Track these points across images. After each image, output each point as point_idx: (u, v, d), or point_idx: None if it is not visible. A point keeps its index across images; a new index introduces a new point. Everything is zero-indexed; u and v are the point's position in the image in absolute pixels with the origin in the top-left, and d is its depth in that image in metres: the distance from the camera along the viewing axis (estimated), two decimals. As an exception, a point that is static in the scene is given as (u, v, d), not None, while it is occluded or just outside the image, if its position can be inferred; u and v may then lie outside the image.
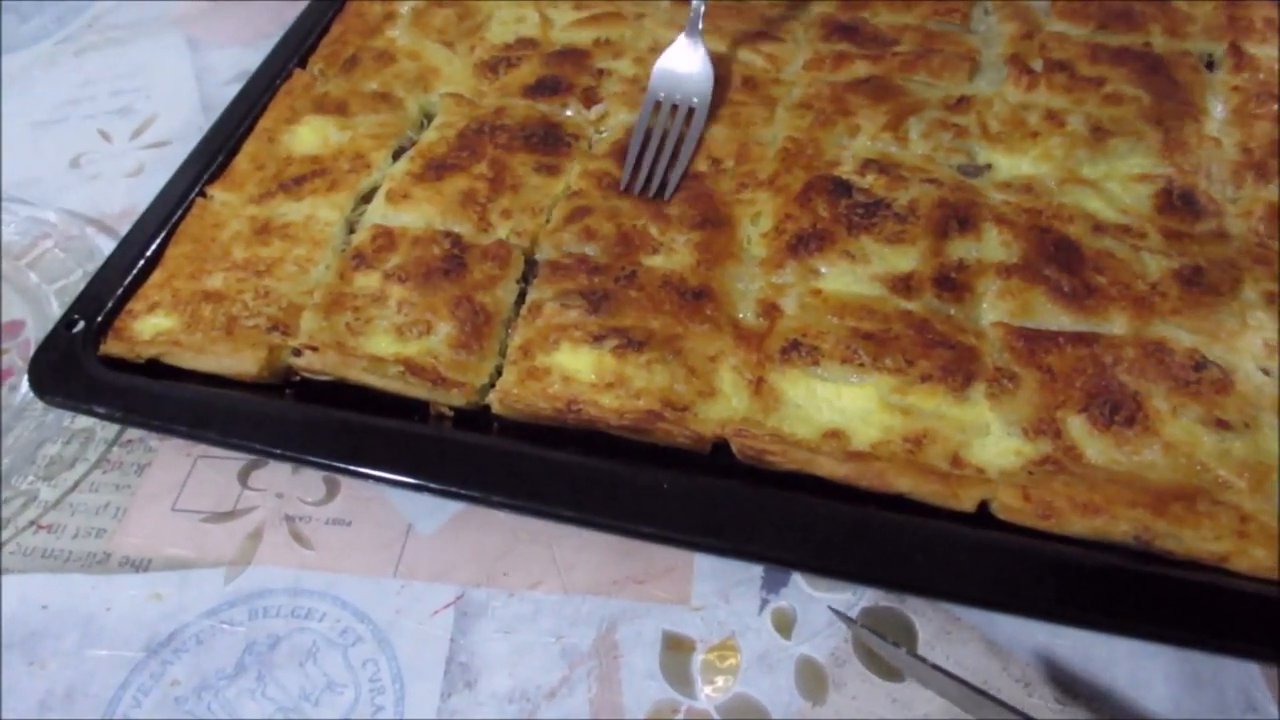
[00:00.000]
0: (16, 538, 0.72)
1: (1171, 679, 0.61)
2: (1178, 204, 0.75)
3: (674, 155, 0.82)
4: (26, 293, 0.89)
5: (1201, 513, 0.59)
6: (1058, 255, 0.72)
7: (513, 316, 0.74)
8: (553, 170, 0.83)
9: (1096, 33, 0.90)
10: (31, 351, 0.75)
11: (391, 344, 0.72)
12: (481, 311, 0.73)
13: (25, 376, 0.74)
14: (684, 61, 0.87)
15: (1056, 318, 0.69)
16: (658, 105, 0.85)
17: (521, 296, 0.75)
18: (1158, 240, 0.73)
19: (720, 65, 0.90)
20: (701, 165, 0.82)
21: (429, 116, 0.90)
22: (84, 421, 0.79)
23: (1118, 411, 0.64)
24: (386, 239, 0.78)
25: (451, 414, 0.70)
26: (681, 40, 0.88)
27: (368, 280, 0.76)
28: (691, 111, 0.84)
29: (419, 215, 0.80)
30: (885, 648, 0.61)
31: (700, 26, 0.87)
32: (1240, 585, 0.57)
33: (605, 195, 0.80)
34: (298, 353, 0.71)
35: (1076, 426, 0.64)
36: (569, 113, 0.89)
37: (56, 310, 0.86)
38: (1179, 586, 0.57)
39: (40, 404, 0.76)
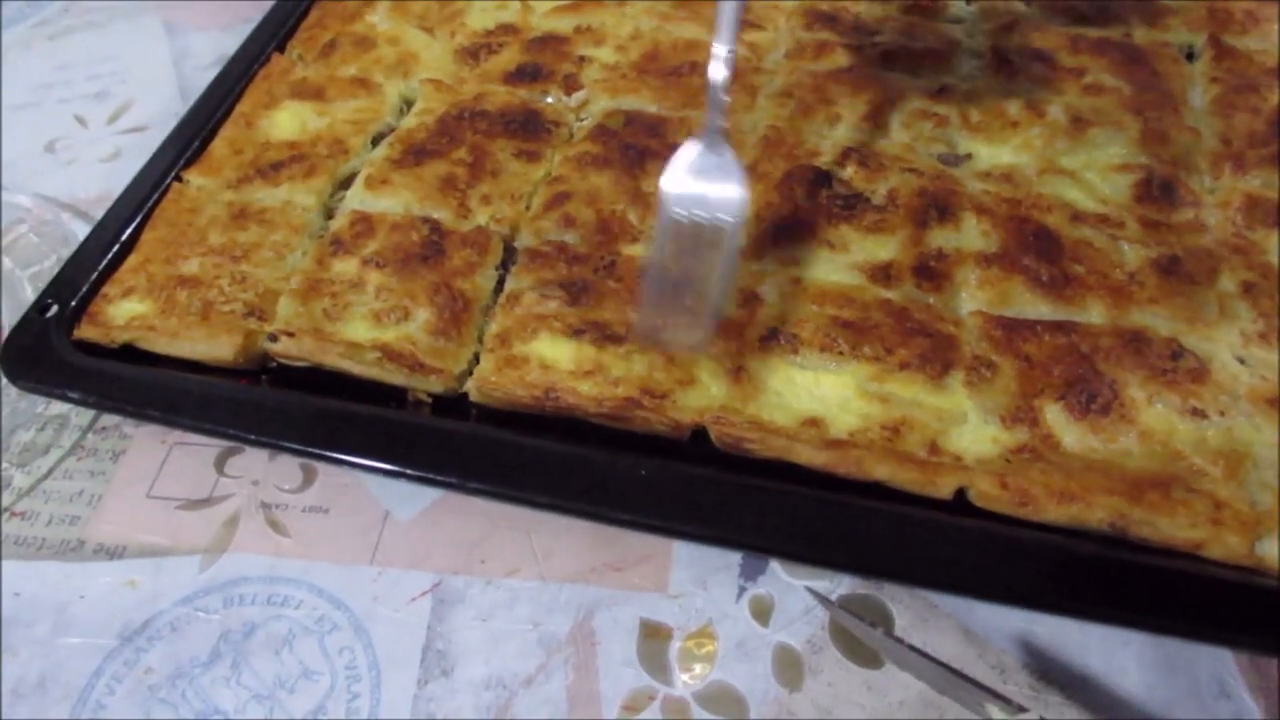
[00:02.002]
0: (-11, 525, 0.72)
1: (1145, 664, 0.62)
2: (1156, 194, 0.75)
3: (700, 291, 0.64)
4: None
5: (1176, 500, 0.59)
6: (1036, 245, 0.72)
7: (491, 303, 0.74)
8: (533, 156, 0.82)
9: (1076, 24, 0.90)
10: (4, 336, 0.74)
11: (369, 330, 0.71)
12: (460, 298, 0.72)
13: (-3, 362, 0.73)
14: (705, 169, 0.64)
15: (1035, 307, 0.69)
16: (676, 230, 0.63)
17: (500, 283, 0.75)
18: (1136, 230, 0.73)
19: (701, 51, 0.89)
20: (681, 140, 0.80)
21: (408, 103, 0.90)
22: (58, 407, 0.78)
23: (1094, 400, 0.64)
24: (365, 225, 0.77)
25: (429, 401, 0.69)
26: (695, 145, 0.65)
27: (345, 266, 0.75)
28: (721, 234, 0.63)
29: (398, 201, 0.79)
30: (863, 629, 0.61)
31: (723, 123, 0.65)
32: (1214, 572, 0.58)
33: (584, 176, 0.79)
34: (274, 338, 0.70)
35: (1054, 414, 0.64)
36: (549, 100, 0.88)
37: (30, 296, 0.85)
38: (1153, 574, 0.57)
39: (13, 390, 0.75)
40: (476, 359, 0.70)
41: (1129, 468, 0.61)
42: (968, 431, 0.64)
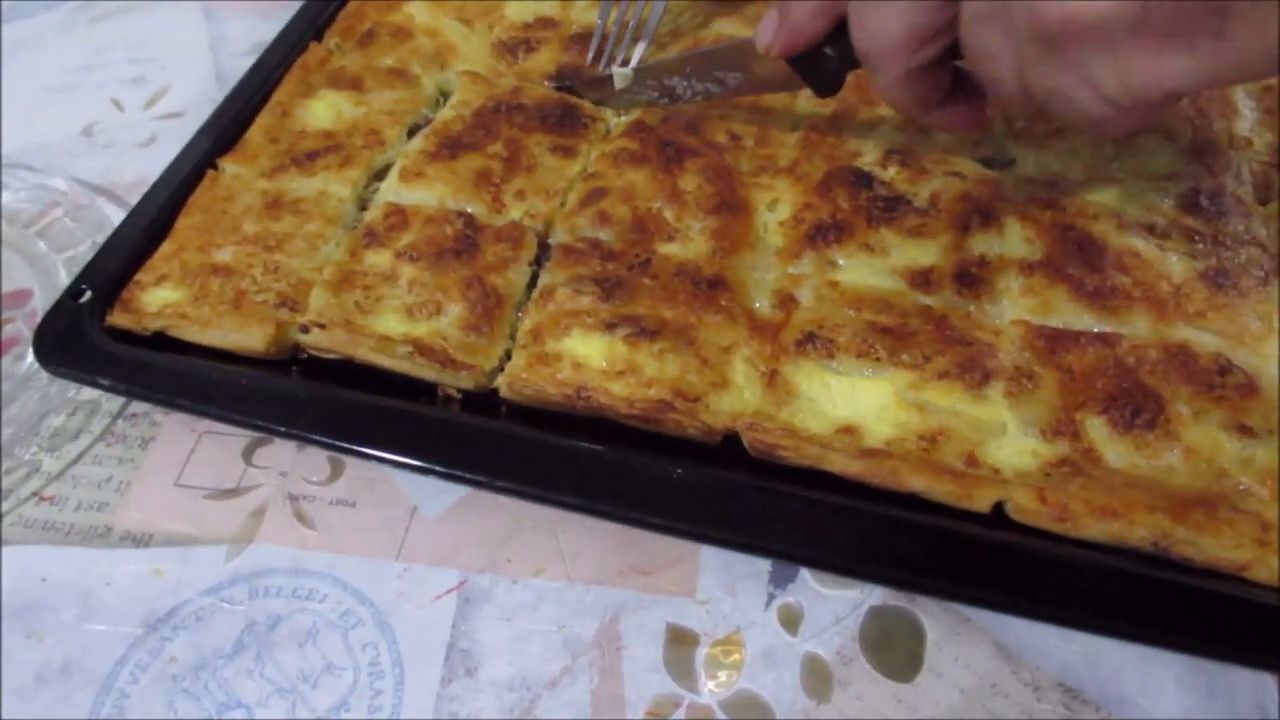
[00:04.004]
0: (18, 509, 0.72)
1: (1184, 686, 0.60)
2: (1204, 204, 0.73)
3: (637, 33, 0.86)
4: (35, 261, 0.88)
5: (1222, 520, 0.57)
6: (1081, 253, 0.70)
7: (524, 299, 0.73)
8: (569, 152, 0.81)
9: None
10: (38, 321, 0.74)
11: (400, 324, 0.71)
12: (493, 293, 0.72)
13: (30, 346, 0.73)
14: None
15: (1078, 317, 0.68)
16: None
17: (533, 279, 0.74)
18: (1183, 241, 0.71)
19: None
20: (720, 138, 0.81)
21: (445, 94, 0.89)
22: (89, 393, 0.78)
23: (1138, 414, 0.62)
24: (399, 217, 0.77)
25: (459, 396, 0.69)
26: None
27: (379, 258, 0.74)
28: None
29: (432, 194, 0.78)
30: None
31: None
32: (1259, 595, 0.56)
33: (620, 173, 0.78)
34: (305, 329, 0.70)
35: (1096, 428, 0.62)
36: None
37: (64, 280, 0.85)
38: (1196, 594, 0.56)
39: (45, 374, 0.75)
40: (508, 355, 0.70)
41: (1173, 485, 0.60)
42: (1007, 443, 0.63)
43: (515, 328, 0.71)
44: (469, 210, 0.77)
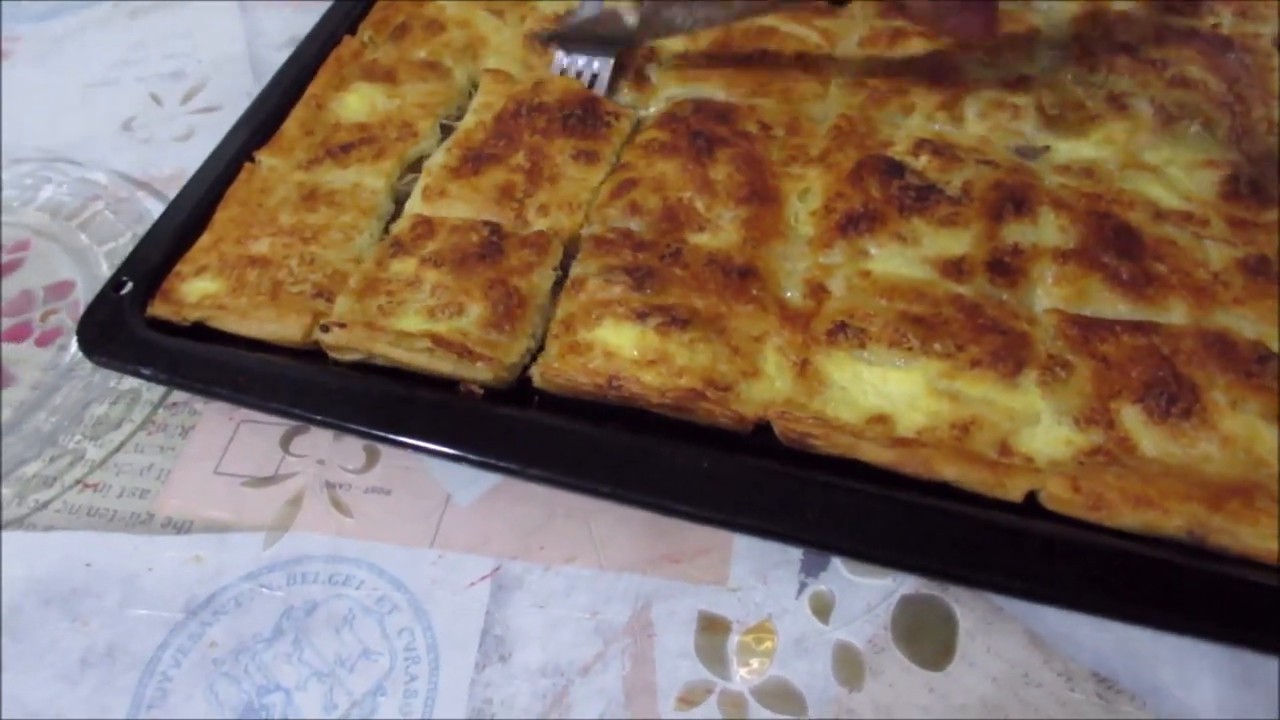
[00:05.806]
0: (63, 495, 0.73)
1: (1220, 676, 0.60)
2: (1244, 192, 0.72)
3: None
4: (76, 254, 0.90)
5: (1259, 509, 0.57)
6: (1117, 242, 0.70)
7: (548, 302, 0.73)
8: (592, 158, 0.81)
9: (1163, 14, 0.87)
10: (80, 312, 0.75)
11: (421, 323, 0.71)
12: (515, 294, 0.71)
13: (74, 337, 0.75)
14: None
15: (1114, 305, 0.67)
16: None
17: (558, 284, 0.74)
18: (1222, 228, 0.70)
19: (773, 38, 0.88)
20: (751, 127, 0.81)
21: (477, 86, 0.89)
22: (131, 382, 0.79)
23: (1174, 403, 0.62)
24: (426, 227, 0.77)
25: (480, 391, 0.69)
26: None
27: (404, 266, 0.74)
28: None
29: (455, 212, 0.79)
30: None
31: None
32: (1297, 586, 0.56)
33: (651, 163, 0.79)
34: (326, 329, 0.70)
35: (1131, 417, 0.62)
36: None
37: (106, 271, 0.87)
38: (1231, 583, 0.56)
39: (88, 364, 0.77)
40: (529, 354, 0.70)
41: (1209, 474, 0.59)
42: (1040, 432, 0.62)
43: (537, 328, 0.71)
44: (494, 221, 0.77)
